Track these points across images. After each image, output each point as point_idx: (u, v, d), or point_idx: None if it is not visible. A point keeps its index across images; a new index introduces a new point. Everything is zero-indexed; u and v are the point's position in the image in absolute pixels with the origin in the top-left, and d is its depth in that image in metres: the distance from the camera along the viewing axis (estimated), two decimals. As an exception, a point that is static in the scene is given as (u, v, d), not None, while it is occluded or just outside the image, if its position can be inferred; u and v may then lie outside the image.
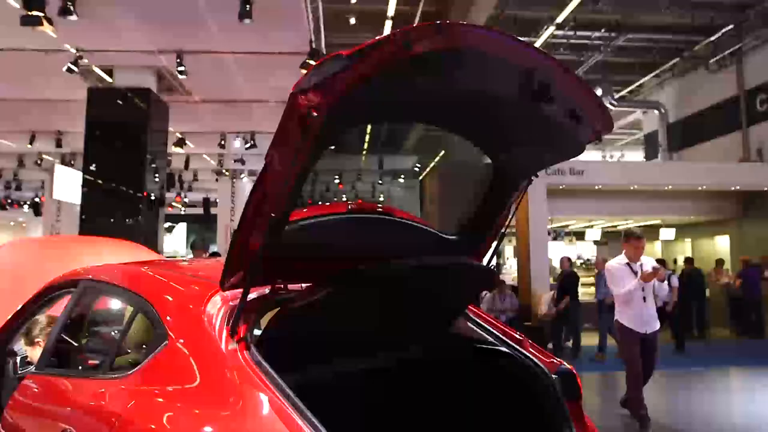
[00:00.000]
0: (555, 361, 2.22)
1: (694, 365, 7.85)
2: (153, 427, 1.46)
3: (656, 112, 15.53)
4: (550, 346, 9.17)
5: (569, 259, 9.85)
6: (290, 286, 1.88)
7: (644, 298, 4.80)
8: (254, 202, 1.53)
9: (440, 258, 2.11)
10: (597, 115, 1.89)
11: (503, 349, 2.26)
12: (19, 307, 3.09)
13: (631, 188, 12.24)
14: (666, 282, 9.05)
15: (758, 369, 7.50)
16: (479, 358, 2.35)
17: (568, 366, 2.20)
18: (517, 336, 2.33)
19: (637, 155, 20.93)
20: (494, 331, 2.36)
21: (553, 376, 2.12)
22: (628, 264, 4.96)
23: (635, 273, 4.85)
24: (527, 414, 2.17)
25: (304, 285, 1.82)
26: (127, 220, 10.53)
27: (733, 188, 12.40)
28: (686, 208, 13.06)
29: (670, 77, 15.33)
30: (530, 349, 2.25)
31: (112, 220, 10.45)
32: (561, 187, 11.64)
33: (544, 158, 2.12)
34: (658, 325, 4.91)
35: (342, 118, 1.49)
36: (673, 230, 15.18)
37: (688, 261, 11.59)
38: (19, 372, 3.07)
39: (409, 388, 2.62)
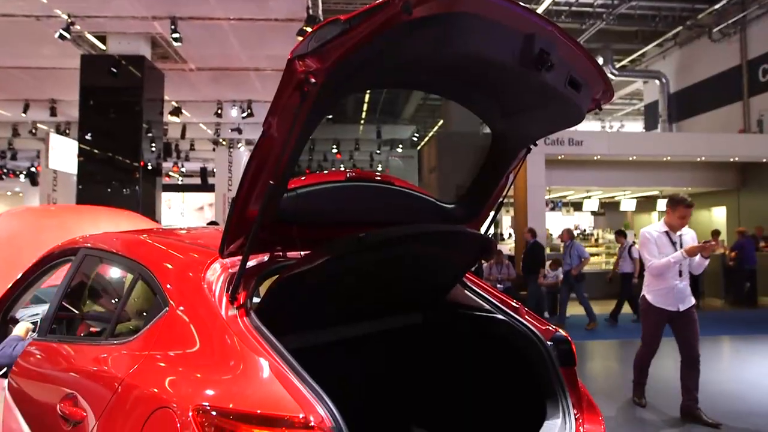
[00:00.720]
0: (551, 328, 2.25)
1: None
2: (156, 390, 1.48)
3: (657, 82, 15.38)
4: (546, 315, 9.31)
5: (531, 230, 9.68)
6: (289, 254, 1.89)
7: (680, 272, 4.33)
8: (252, 169, 1.53)
9: (438, 226, 2.12)
10: (597, 83, 1.87)
11: (500, 316, 2.29)
12: (19, 275, 3.10)
13: (630, 159, 12.22)
14: (627, 252, 9.13)
15: (750, 337, 7.63)
16: (476, 325, 2.39)
17: (564, 333, 2.23)
18: (514, 304, 2.35)
19: (637, 126, 20.83)
20: (491, 299, 2.38)
21: (549, 343, 2.15)
22: (667, 233, 4.42)
23: (674, 244, 4.36)
24: (523, 380, 2.21)
25: (302, 252, 1.83)
26: (124, 190, 10.51)
27: (731, 159, 12.38)
28: (684, 179, 13.07)
29: (673, 46, 15.13)
30: (526, 317, 2.28)
31: (109, 189, 10.44)
32: (559, 157, 11.61)
33: (544, 126, 2.10)
34: (693, 301, 4.44)
35: (340, 84, 1.48)
36: (670, 201, 15.19)
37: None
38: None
39: (406, 354, 2.67)
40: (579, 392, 2.17)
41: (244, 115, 14.84)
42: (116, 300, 2.50)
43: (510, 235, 16.37)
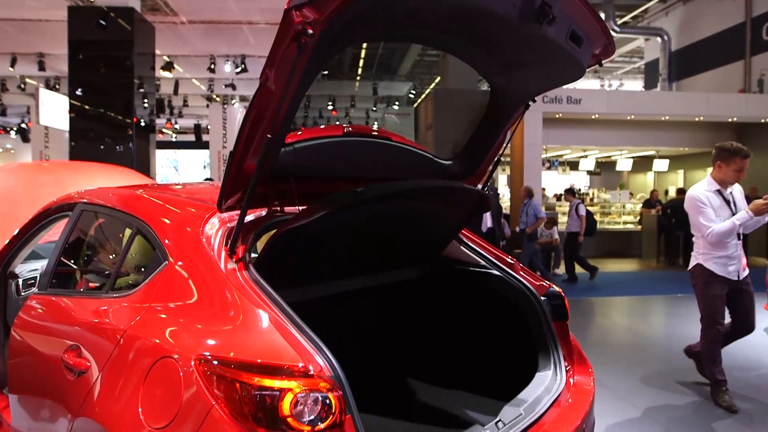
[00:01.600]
0: (544, 283, 2.29)
1: (677, 291, 8.15)
2: (157, 341, 1.52)
3: (659, 39, 15.09)
4: (537, 273, 9.44)
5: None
6: (287, 208, 1.90)
7: (739, 235, 3.72)
8: (249, 122, 1.52)
9: (435, 181, 2.13)
10: (599, 38, 1.84)
11: (495, 272, 2.33)
12: (17, 231, 3.11)
13: (628, 118, 12.13)
14: (575, 210, 9.11)
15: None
16: (471, 280, 2.43)
17: (557, 289, 2.28)
18: (509, 260, 2.39)
19: (636, 85, 20.57)
20: (487, 255, 2.41)
21: (542, 298, 2.20)
22: (719, 191, 3.78)
23: (728, 203, 3.75)
24: (516, 333, 2.27)
25: (300, 207, 1.84)
26: (117, 147, 10.40)
27: (730, 120, 12.31)
28: (682, 138, 13.02)
29: (677, 2, 14.78)
30: (521, 273, 2.32)
31: (102, 146, 10.33)
32: (557, 115, 11.51)
33: (543, 82, 2.08)
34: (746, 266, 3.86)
35: (338, 36, 1.45)
36: (666, 161, 15.21)
37: (680, 192, 11.72)
38: (22, 293, 3.15)
39: (402, 309, 2.72)
40: (570, 345, 2.23)
41: (238, 70, 14.54)
42: (115, 254, 2.52)
43: (503, 195, 16.41)
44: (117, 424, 1.51)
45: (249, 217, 1.79)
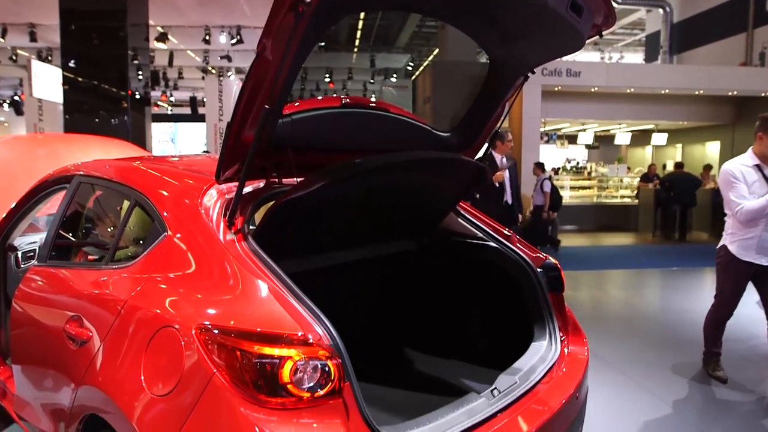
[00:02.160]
0: (541, 255, 2.31)
1: (673, 265, 8.22)
2: (158, 311, 1.53)
3: (661, 11, 14.88)
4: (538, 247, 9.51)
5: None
6: (285, 180, 1.90)
7: None
8: (247, 93, 1.50)
9: (433, 153, 2.12)
10: (600, 8, 1.82)
11: (492, 244, 2.35)
12: (14, 204, 3.11)
13: (628, 91, 12.04)
14: (540, 186, 9.09)
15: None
16: (468, 252, 2.44)
17: (553, 260, 2.30)
18: (506, 232, 2.40)
19: (637, 57, 20.34)
20: (484, 227, 2.43)
21: (538, 269, 2.22)
22: (758, 166, 3.48)
23: (767, 179, 3.45)
24: (513, 304, 2.30)
25: (298, 179, 1.84)
26: (112, 120, 10.30)
27: (730, 93, 12.23)
28: (681, 112, 12.95)
29: (679, -28, 14.53)
30: (518, 245, 2.33)
31: (96, 119, 10.22)
32: (556, 88, 11.42)
33: (543, 53, 2.06)
34: None
35: (335, 5, 1.43)
36: (665, 135, 15.16)
37: (678, 166, 11.70)
38: (22, 266, 3.16)
39: (400, 280, 2.75)
40: (566, 316, 2.26)
41: (234, 41, 14.31)
42: (113, 226, 2.52)
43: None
44: (120, 392, 1.54)
45: (247, 189, 1.79)
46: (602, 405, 3.34)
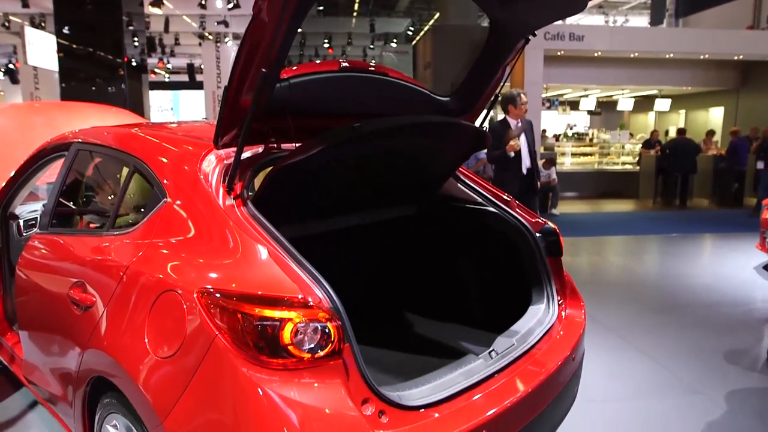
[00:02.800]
0: (540, 221, 2.32)
1: (672, 231, 8.25)
2: (160, 276, 1.55)
3: (668, -29, 14.50)
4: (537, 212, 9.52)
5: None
6: (284, 145, 1.90)
7: None
8: (243, 56, 1.48)
9: (432, 117, 2.11)
10: None
11: (491, 209, 2.35)
12: (13, 172, 3.10)
13: (632, 56, 11.85)
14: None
15: (731, 235, 7.91)
16: (468, 217, 2.45)
17: (552, 225, 2.31)
18: (505, 197, 2.41)
19: (642, 21, 19.92)
20: (484, 193, 2.43)
21: (537, 234, 2.23)
22: None
23: None
24: (511, 269, 2.32)
25: (296, 144, 1.83)
26: (109, 88, 10.20)
27: (735, 58, 12.03)
28: (685, 77, 12.77)
29: (688, -70, 14.09)
30: (517, 210, 2.34)
31: (93, 87, 10.12)
32: (559, 53, 11.24)
33: (544, 14, 2.03)
34: None
35: None
36: (668, 101, 14.99)
37: (680, 132, 11.61)
38: (24, 234, 3.18)
39: (400, 244, 2.77)
40: (563, 280, 2.29)
41: (230, 6, 13.99)
42: (113, 193, 2.53)
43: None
44: (125, 355, 1.57)
45: (246, 154, 1.78)
46: (599, 367, 3.41)
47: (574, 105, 17.82)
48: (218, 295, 1.39)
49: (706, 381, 3.25)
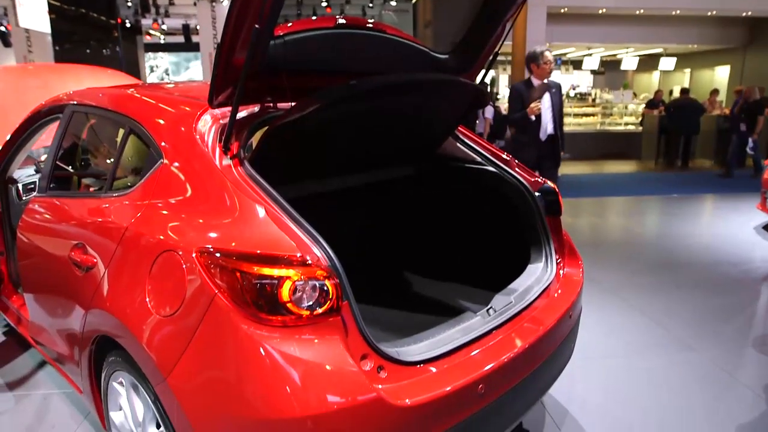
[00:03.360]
0: (539, 180, 2.31)
1: (673, 192, 8.23)
2: (160, 237, 1.56)
3: None
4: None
5: None
6: (280, 105, 1.87)
7: None
8: (235, 12, 1.45)
9: (431, 75, 2.07)
10: None
11: (490, 168, 2.34)
12: (9, 136, 3.08)
13: (637, 12, 11.56)
14: (482, 112, 8.54)
15: (731, 196, 7.90)
16: (467, 176, 2.44)
17: (551, 185, 2.30)
18: (505, 156, 2.39)
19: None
20: (482, 152, 2.41)
21: (536, 193, 2.23)
22: None
23: None
24: (511, 227, 2.33)
25: (292, 103, 1.81)
26: (104, 50, 10.03)
27: (743, 14, 11.73)
28: (690, 35, 12.50)
29: None
30: (516, 169, 2.33)
31: (88, 50, 9.94)
32: (562, 10, 10.97)
33: None
34: None
35: None
36: (673, 60, 14.71)
37: (684, 92, 11.43)
38: (24, 198, 3.19)
39: (398, 204, 2.77)
40: (562, 239, 2.30)
41: (224, -36, 13.59)
42: (109, 155, 2.51)
43: (504, 96, 16.04)
44: (127, 314, 1.59)
45: (242, 114, 1.76)
46: (596, 325, 3.46)
47: (577, 65, 17.51)
48: (217, 254, 1.39)
49: (700, 338, 3.31)
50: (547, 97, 4.75)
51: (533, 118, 4.67)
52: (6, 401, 2.70)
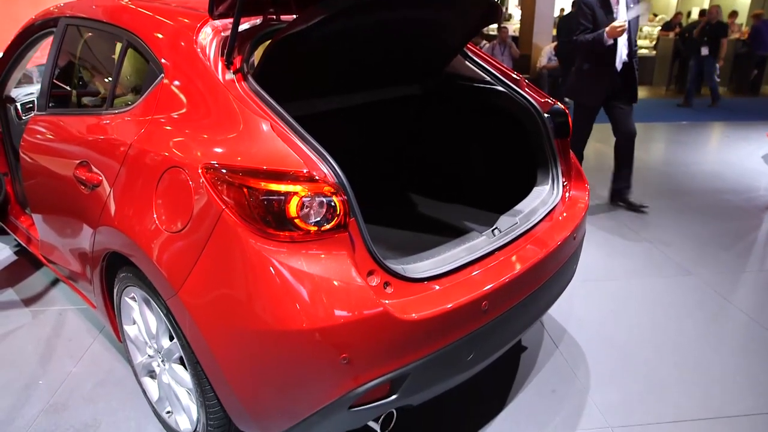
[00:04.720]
0: (549, 101, 2.25)
1: (682, 119, 8.07)
2: (165, 152, 1.54)
3: None
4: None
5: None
6: (283, 17, 1.79)
7: None
8: None
9: None
10: None
11: (499, 88, 2.28)
12: (1, 54, 2.99)
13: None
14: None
15: (743, 124, 7.74)
16: (475, 96, 2.38)
17: (561, 106, 2.25)
18: (515, 76, 2.32)
19: None
20: (492, 71, 2.34)
21: (546, 114, 2.18)
22: None
23: None
24: (518, 149, 2.29)
25: (296, 15, 1.73)
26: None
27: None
28: (715, -50, 11.74)
29: None
30: (526, 89, 2.26)
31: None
32: None
33: None
34: None
35: None
36: (693, -22, 13.91)
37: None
38: (23, 117, 3.14)
39: (405, 124, 2.72)
40: (569, 162, 2.27)
41: None
42: (108, 70, 2.44)
43: (512, 15, 15.36)
44: (136, 230, 1.60)
45: (244, 26, 1.69)
46: (597, 249, 3.51)
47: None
48: (224, 170, 1.38)
49: (698, 263, 3.36)
50: (624, 10, 3.65)
51: (611, 41, 3.63)
52: (23, 316, 2.80)
